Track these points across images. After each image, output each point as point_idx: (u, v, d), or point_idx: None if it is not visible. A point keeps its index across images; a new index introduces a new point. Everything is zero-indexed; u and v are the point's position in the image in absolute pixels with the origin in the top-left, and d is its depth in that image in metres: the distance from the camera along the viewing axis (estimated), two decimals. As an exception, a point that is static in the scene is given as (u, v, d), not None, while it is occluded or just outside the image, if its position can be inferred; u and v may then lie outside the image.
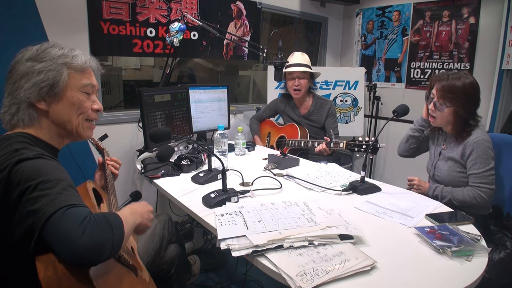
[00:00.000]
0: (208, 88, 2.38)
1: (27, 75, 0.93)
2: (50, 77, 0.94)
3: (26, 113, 0.94)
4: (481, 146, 1.54)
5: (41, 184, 0.77)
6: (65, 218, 0.73)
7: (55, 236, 0.72)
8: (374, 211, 1.31)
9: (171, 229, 1.54)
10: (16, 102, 0.94)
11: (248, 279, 2.12)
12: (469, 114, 1.57)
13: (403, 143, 1.90)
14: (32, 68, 0.93)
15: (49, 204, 0.74)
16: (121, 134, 2.27)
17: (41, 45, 0.98)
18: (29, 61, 0.94)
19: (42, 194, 0.75)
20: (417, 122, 1.83)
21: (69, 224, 0.72)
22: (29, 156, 0.82)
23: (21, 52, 0.97)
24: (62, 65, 0.96)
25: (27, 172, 0.79)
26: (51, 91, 0.95)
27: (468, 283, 0.88)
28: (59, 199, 0.75)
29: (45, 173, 0.79)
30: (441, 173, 1.69)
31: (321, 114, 2.43)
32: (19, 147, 0.85)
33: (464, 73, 1.60)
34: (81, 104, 1.01)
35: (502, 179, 1.73)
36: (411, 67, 3.11)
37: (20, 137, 0.91)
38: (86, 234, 0.71)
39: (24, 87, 0.93)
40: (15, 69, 0.95)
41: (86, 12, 2.00)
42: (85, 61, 1.01)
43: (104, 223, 0.77)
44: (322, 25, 3.55)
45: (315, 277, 0.86)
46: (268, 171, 1.80)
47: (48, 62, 0.95)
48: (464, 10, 2.71)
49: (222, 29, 2.59)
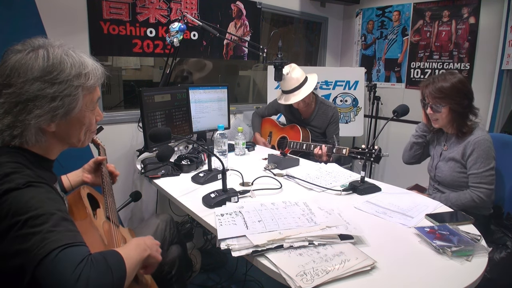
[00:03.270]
0: (208, 88, 2.38)
1: (37, 99, 0.80)
2: (65, 103, 0.84)
3: (34, 136, 0.85)
4: (482, 145, 1.54)
5: (30, 220, 0.70)
6: (58, 261, 0.66)
7: (47, 280, 0.66)
8: (374, 211, 1.31)
9: (173, 230, 1.54)
10: (21, 126, 0.82)
11: (248, 279, 2.12)
12: (464, 108, 1.58)
13: (407, 151, 1.89)
14: (43, 91, 0.80)
15: (40, 244, 0.67)
16: (121, 134, 2.27)
17: (50, 54, 0.84)
18: (38, 81, 0.80)
19: (32, 231, 0.69)
20: (419, 128, 1.84)
21: (62, 268, 0.66)
22: (19, 186, 0.74)
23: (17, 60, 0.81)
24: (77, 87, 0.86)
25: (15, 204, 0.72)
26: (65, 116, 0.86)
27: (468, 283, 0.88)
28: (50, 238, 0.69)
29: (35, 206, 0.72)
30: (442, 174, 1.69)
31: (323, 121, 2.39)
32: (9, 171, 0.77)
33: (450, 73, 1.62)
34: (90, 122, 0.96)
35: (502, 179, 1.73)
36: (411, 67, 3.11)
37: (13, 154, 0.82)
38: (80, 280, 0.65)
39: (35, 113, 0.81)
40: (14, 85, 0.79)
41: (86, 12, 2.00)
42: (97, 77, 0.93)
43: (103, 266, 0.70)
44: (322, 25, 3.55)
45: (315, 277, 0.86)
46: (268, 171, 1.80)
47: (62, 85, 0.83)
48: (464, 10, 2.71)
49: (222, 29, 2.59)
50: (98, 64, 0.95)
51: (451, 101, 1.57)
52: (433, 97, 1.60)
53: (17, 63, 0.81)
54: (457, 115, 1.59)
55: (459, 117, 1.59)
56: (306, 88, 2.23)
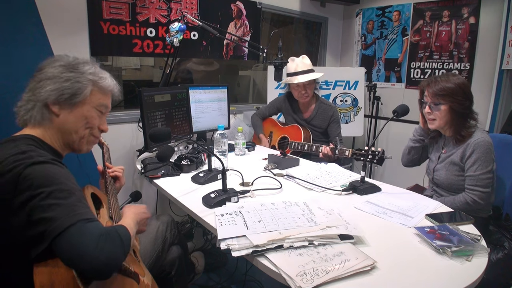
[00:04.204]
0: (208, 88, 2.38)
1: (54, 78, 0.97)
2: (74, 87, 0.98)
3: (40, 112, 0.96)
4: (483, 147, 1.53)
5: (55, 193, 0.77)
6: (83, 232, 0.74)
7: (70, 248, 0.72)
8: (374, 211, 1.31)
9: (173, 231, 1.54)
10: (34, 99, 0.96)
11: (248, 279, 2.11)
12: (465, 109, 1.57)
13: (405, 155, 1.90)
14: (61, 73, 0.97)
15: (66, 215, 0.75)
16: (121, 134, 2.27)
17: (77, 58, 1.04)
18: (62, 67, 0.98)
19: (56, 203, 0.76)
20: (416, 132, 1.83)
21: (86, 240, 0.73)
22: (40, 160, 0.82)
23: (57, 56, 1.02)
24: (89, 81, 1.01)
25: (40, 177, 0.79)
26: (70, 99, 0.98)
27: (468, 283, 0.88)
28: (76, 211, 0.76)
29: (59, 181, 0.80)
30: (440, 177, 1.69)
31: (323, 120, 2.40)
32: (26, 149, 0.85)
33: (452, 74, 1.63)
34: (92, 119, 1.04)
35: (502, 179, 1.73)
36: (411, 67, 3.11)
37: (26, 139, 0.92)
38: (102, 252, 0.73)
39: (47, 88, 0.95)
40: (44, 69, 0.98)
41: (86, 12, 2.00)
42: (110, 85, 1.08)
43: (117, 239, 0.80)
44: (322, 25, 3.56)
45: (315, 277, 0.86)
46: (268, 171, 1.79)
47: (78, 74, 0.99)
48: (464, 10, 2.71)
49: (222, 29, 2.59)
50: (117, 84, 1.12)
51: (452, 100, 1.56)
52: (434, 94, 1.59)
53: (54, 57, 1.02)
54: (456, 116, 1.58)
55: (458, 118, 1.58)
56: (316, 73, 2.33)
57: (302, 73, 2.29)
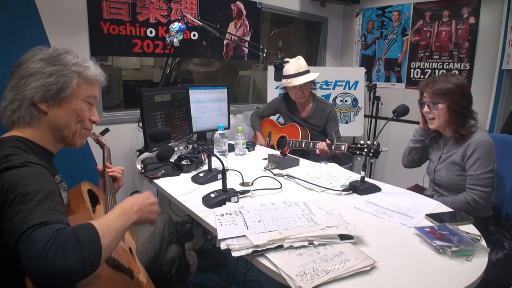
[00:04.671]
0: (208, 88, 2.38)
1: (37, 74, 0.93)
2: (60, 82, 0.94)
3: (28, 111, 0.93)
4: (483, 147, 1.53)
5: (18, 197, 0.75)
6: (30, 240, 0.69)
7: (23, 259, 0.69)
8: (374, 211, 1.31)
9: (171, 229, 1.54)
10: (19, 99, 0.93)
11: (248, 279, 2.12)
12: (463, 108, 1.57)
13: (406, 155, 1.90)
14: (43, 68, 0.93)
15: (20, 222, 0.71)
16: (121, 134, 2.27)
17: (56, 49, 0.99)
18: (42, 61, 0.94)
19: (18, 209, 0.73)
20: (416, 133, 1.83)
21: (32, 247, 0.68)
22: (16, 164, 0.80)
23: (34, 50, 0.97)
24: (74, 72, 0.97)
25: (10, 181, 0.77)
26: (57, 95, 0.95)
27: (468, 283, 0.88)
28: (29, 217, 0.72)
29: (24, 184, 0.77)
30: (441, 177, 1.69)
31: (321, 118, 2.42)
32: (9, 152, 0.84)
33: (452, 74, 1.64)
34: (82, 112, 1.01)
35: (502, 179, 1.73)
36: (411, 67, 3.11)
37: (14, 141, 0.90)
38: (48, 260, 0.66)
39: (31, 85, 0.92)
40: (24, 65, 0.94)
41: (86, 12, 2.00)
42: (96, 74, 1.04)
43: (71, 241, 0.70)
44: (322, 25, 3.55)
45: (315, 277, 0.86)
46: (268, 171, 1.79)
47: (61, 66, 0.95)
48: (464, 10, 2.71)
49: (222, 29, 2.59)
50: (102, 71, 1.08)
51: (450, 99, 1.57)
52: (432, 93, 1.60)
53: (31, 52, 0.97)
54: (454, 115, 1.59)
55: (457, 117, 1.59)
56: (312, 74, 2.34)
57: (298, 74, 2.30)
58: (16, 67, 0.95)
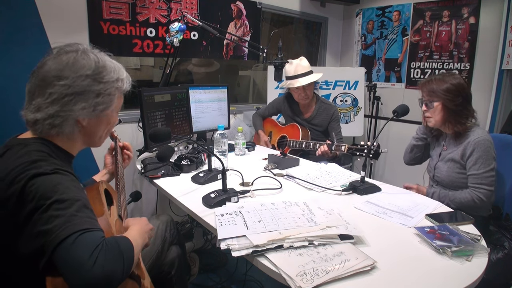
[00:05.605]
0: (208, 88, 2.38)
1: (85, 93, 0.89)
2: (106, 101, 0.94)
3: (71, 128, 0.91)
4: (483, 146, 1.54)
5: (56, 204, 0.74)
6: (77, 244, 0.70)
7: (65, 262, 0.70)
8: (374, 211, 1.31)
9: (172, 230, 1.54)
10: (64, 116, 0.88)
11: (248, 279, 2.12)
12: (457, 105, 1.58)
13: (408, 153, 1.91)
14: (91, 87, 0.90)
15: (62, 227, 0.71)
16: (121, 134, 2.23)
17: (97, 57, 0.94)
18: (89, 78, 0.90)
19: (55, 214, 0.73)
20: (419, 131, 1.85)
21: (80, 251, 0.70)
22: (46, 171, 0.79)
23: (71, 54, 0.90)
24: (116, 89, 0.97)
25: (43, 188, 0.76)
26: (100, 112, 0.94)
27: (468, 283, 0.88)
28: (72, 222, 0.73)
29: (61, 191, 0.77)
30: (441, 174, 1.70)
31: (324, 119, 2.41)
32: (36, 158, 0.82)
33: (449, 74, 1.65)
34: (113, 120, 1.04)
35: (502, 179, 1.73)
36: (411, 67, 3.11)
37: (39, 144, 0.87)
38: (97, 265, 0.69)
39: (80, 105, 0.89)
40: (67, 78, 0.87)
41: (86, 12, 2.00)
42: (129, 85, 1.03)
43: (116, 251, 0.75)
44: (322, 25, 3.55)
45: (315, 277, 0.86)
46: (268, 171, 1.80)
47: (107, 84, 0.93)
48: (464, 10, 2.71)
49: (222, 29, 2.59)
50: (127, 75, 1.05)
51: (444, 97, 1.58)
52: (428, 92, 1.62)
53: (72, 60, 0.89)
54: (450, 113, 1.59)
55: (452, 115, 1.59)
56: (315, 75, 2.32)
57: (301, 75, 2.29)
58: (57, 79, 0.86)
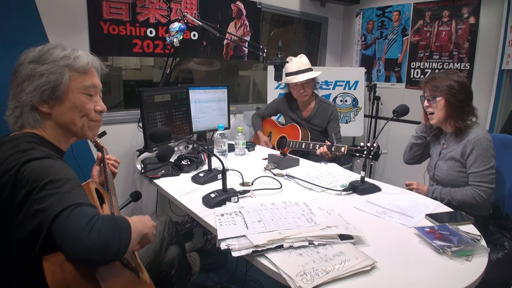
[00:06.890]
0: (208, 88, 2.38)
1: (29, 78, 0.92)
2: (51, 80, 0.92)
3: (30, 115, 0.94)
4: (482, 144, 1.54)
5: (49, 184, 0.76)
6: (73, 216, 0.72)
7: (62, 234, 0.71)
8: (374, 211, 1.31)
9: (171, 230, 1.54)
10: (20, 105, 0.93)
11: (248, 279, 2.11)
12: (460, 102, 1.59)
13: (407, 151, 1.91)
14: (34, 71, 0.92)
15: (57, 202, 0.73)
16: (121, 134, 2.27)
17: (43, 46, 0.96)
18: (32, 63, 0.93)
19: (50, 193, 0.75)
20: (419, 129, 1.85)
21: (76, 222, 0.71)
22: (37, 156, 0.81)
23: (24, 53, 0.95)
24: (64, 67, 0.94)
25: (35, 172, 0.78)
26: (52, 94, 0.93)
27: (468, 283, 0.88)
28: (67, 197, 0.75)
29: (53, 172, 0.79)
30: (441, 173, 1.70)
31: (323, 118, 2.42)
32: (26, 147, 0.84)
33: (452, 71, 1.66)
34: (84, 106, 0.99)
35: (502, 179, 1.73)
36: (411, 67, 3.11)
37: (28, 137, 0.90)
38: (93, 232, 0.71)
39: (26, 90, 0.91)
40: (18, 71, 0.94)
41: (86, 12, 2.00)
42: (87, 62, 0.99)
43: (112, 223, 0.77)
44: (322, 25, 3.55)
45: (315, 277, 0.86)
46: (268, 171, 1.80)
47: (50, 64, 0.93)
48: (464, 10, 2.71)
49: (222, 29, 2.59)
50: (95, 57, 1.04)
51: (448, 93, 1.59)
52: (431, 88, 1.63)
53: (22, 56, 0.95)
54: (452, 109, 1.60)
55: (455, 111, 1.60)
56: (315, 72, 2.34)
57: (300, 72, 2.31)
58: (12, 75, 0.95)
